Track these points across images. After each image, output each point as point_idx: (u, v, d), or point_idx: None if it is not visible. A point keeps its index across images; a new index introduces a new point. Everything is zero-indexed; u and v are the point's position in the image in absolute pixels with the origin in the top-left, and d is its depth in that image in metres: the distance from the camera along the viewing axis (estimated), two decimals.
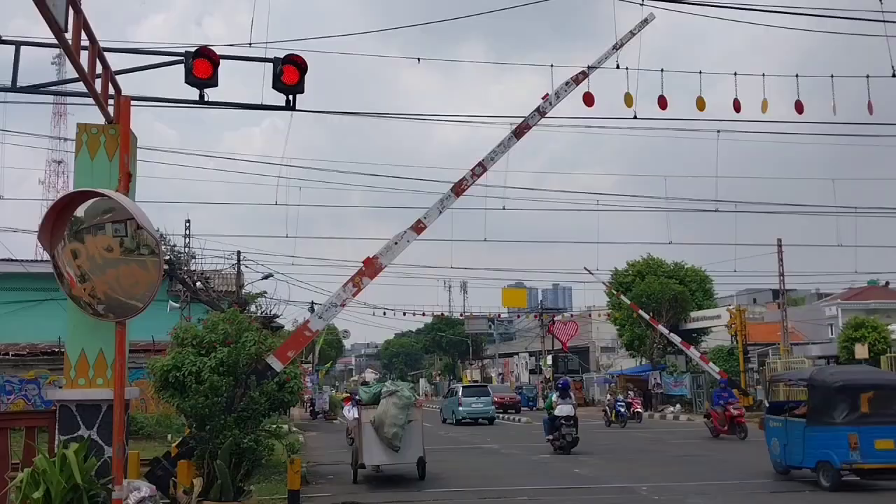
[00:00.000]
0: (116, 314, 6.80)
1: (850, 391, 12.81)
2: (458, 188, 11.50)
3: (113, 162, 7.22)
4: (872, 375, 14.80)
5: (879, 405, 12.68)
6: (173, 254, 24.25)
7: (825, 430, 12.72)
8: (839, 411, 12.72)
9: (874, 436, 12.19)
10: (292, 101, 8.66)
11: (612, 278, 48.83)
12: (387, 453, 13.80)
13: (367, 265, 10.54)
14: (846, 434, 12.32)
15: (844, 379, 13.25)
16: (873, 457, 12.15)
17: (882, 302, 53.62)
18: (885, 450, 12.14)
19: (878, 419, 12.49)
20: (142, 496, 6.94)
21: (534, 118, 11.80)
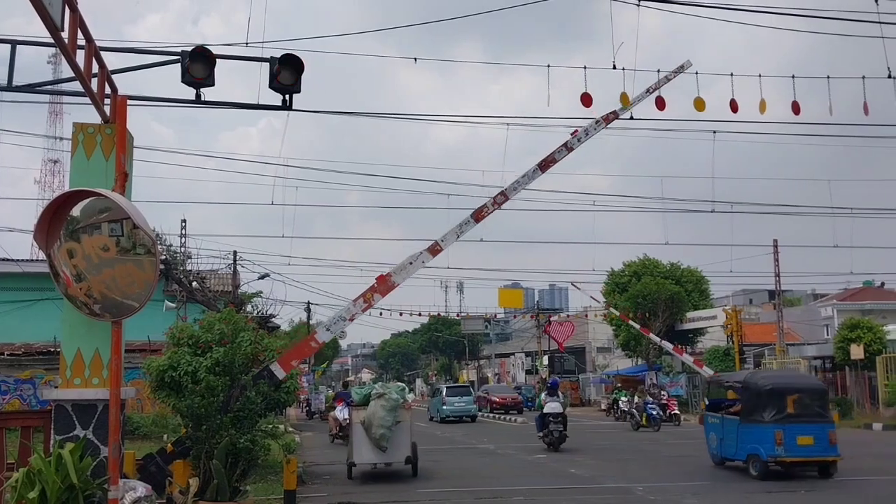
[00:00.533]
0: (112, 314, 6.79)
1: (777, 393, 14.32)
2: (478, 214, 11.58)
3: (109, 161, 7.21)
4: (798, 380, 16.50)
5: (802, 406, 14.20)
6: (169, 254, 24.23)
7: (755, 427, 14.25)
8: (768, 411, 14.22)
9: (797, 433, 13.85)
10: (289, 101, 8.65)
11: (608, 278, 48.90)
12: (375, 453, 14.44)
13: (380, 282, 10.53)
14: (773, 431, 13.89)
15: (773, 382, 14.82)
16: (795, 451, 13.85)
17: (877, 303, 53.73)
18: (805, 445, 13.88)
19: (801, 418, 14.07)
20: (137, 496, 6.92)
21: (560, 153, 11.77)
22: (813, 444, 13.93)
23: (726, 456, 15.36)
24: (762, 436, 14.09)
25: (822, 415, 14.53)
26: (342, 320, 10.21)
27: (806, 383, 15.73)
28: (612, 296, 48.15)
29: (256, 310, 26.60)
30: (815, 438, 13.97)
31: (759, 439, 14.15)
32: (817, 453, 14.01)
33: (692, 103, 12.33)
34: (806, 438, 13.90)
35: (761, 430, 14.13)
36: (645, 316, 44.26)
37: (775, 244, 38.36)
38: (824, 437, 14.07)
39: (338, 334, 12.32)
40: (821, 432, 14.08)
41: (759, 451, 14.10)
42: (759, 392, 14.55)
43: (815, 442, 13.96)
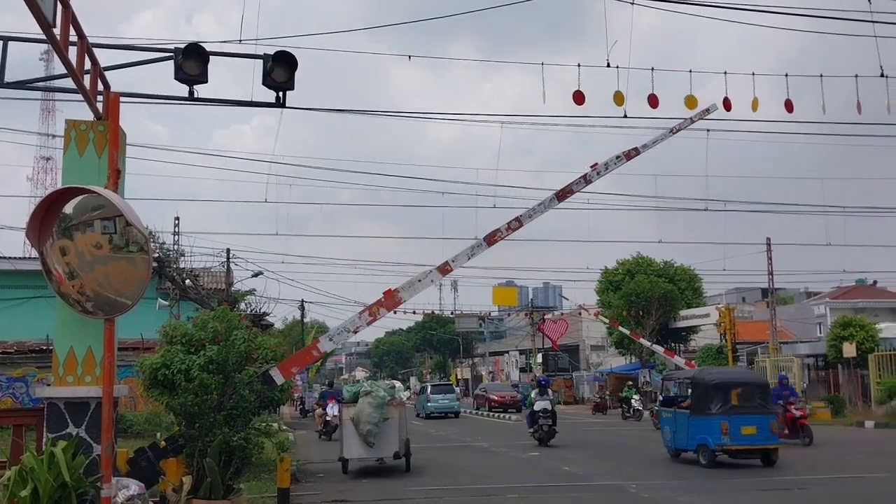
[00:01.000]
0: (105, 311, 6.77)
1: (723, 388, 15.67)
2: (491, 238, 11.66)
3: (102, 158, 7.18)
4: (741, 375, 18.12)
5: (746, 399, 15.54)
6: (162, 251, 24.16)
7: (704, 419, 15.50)
8: (714, 404, 15.53)
9: (741, 424, 15.14)
10: (282, 98, 8.62)
11: (602, 276, 48.96)
12: (364, 448, 15.01)
13: (387, 297, 10.54)
14: (719, 422, 15.20)
15: (719, 378, 16.28)
16: (740, 440, 15.15)
17: (870, 301, 53.98)
18: (748, 435, 15.17)
19: (744, 410, 15.39)
20: (130, 494, 6.91)
21: (579, 184, 11.81)
22: (756, 433, 15.20)
23: (679, 447, 16.52)
24: (710, 427, 15.29)
25: (764, 407, 15.78)
26: (346, 332, 10.20)
27: (749, 378, 17.27)
28: (605, 294, 48.23)
29: (250, 308, 26.55)
30: (757, 428, 15.24)
31: (708, 430, 15.35)
32: (760, 442, 15.29)
33: (683, 101, 12.35)
34: (749, 428, 15.17)
35: (709, 422, 15.34)
36: (638, 314, 44.34)
37: (768, 242, 38.47)
38: (766, 427, 15.37)
39: (339, 345, 12.38)
40: (763, 423, 15.37)
41: (708, 440, 15.35)
42: (706, 387, 15.83)
43: (758, 431, 15.22)
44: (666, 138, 12.55)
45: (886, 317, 47.89)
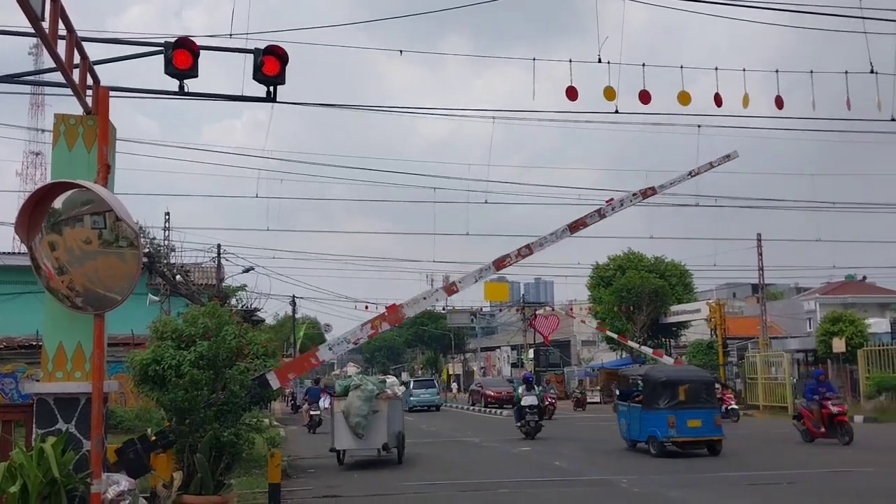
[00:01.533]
0: (95, 307, 6.74)
1: (671, 385, 16.92)
2: (500, 263, 11.80)
3: (91, 153, 7.13)
4: (688, 373, 19.14)
5: (692, 395, 16.76)
6: (153, 247, 24.07)
7: (653, 413, 16.72)
8: (663, 399, 16.73)
9: (687, 417, 16.36)
10: (273, 93, 8.59)
11: (593, 272, 49.07)
12: (354, 439, 15.67)
13: (390, 311, 10.57)
14: (667, 416, 16.37)
15: (667, 375, 17.76)
16: (686, 433, 16.39)
17: (859, 296, 54.30)
18: (694, 427, 16.41)
19: (691, 405, 16.61)
20: (121, 490, 6.88)
21: (592, 218, 11.89)
22: (701, 426, 16.49)
23: (633, 438, 17.74)
24: (659, 420, 16.53)
25: (709, 402, 17.20)
26: (346, 342, 10.24)
27: (695, 376, 18.47)
28: (597, 290, 48.32)
29: (241, 304, 26.49)
30: (702, 422, 16.50)
31: (657, 423, 16.59)
32: (704, 434, 16.57)
33: (676, 97, 12.37)
34: (695, 422, 16.45)
35: (658, 416, 16.56)
36: (629, 309, 44.46)
37: (759, 238, 38.61)
38: (710, 421, 16.65)
39: (338, 355, 12.48)
40: (707, 416, 16.65)
41: (657, 433, 16.56)
42: (655, 384, 17.14)
43: (703, 424, 16.50)
44: (684, 180, 12.75)
45: (875, 312, 48.20)
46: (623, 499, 11.44)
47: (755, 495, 11.54)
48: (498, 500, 11.32)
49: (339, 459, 16.16)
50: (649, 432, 16.91)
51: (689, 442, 16.65)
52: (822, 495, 11.44)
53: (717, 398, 18.52)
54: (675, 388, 16.76)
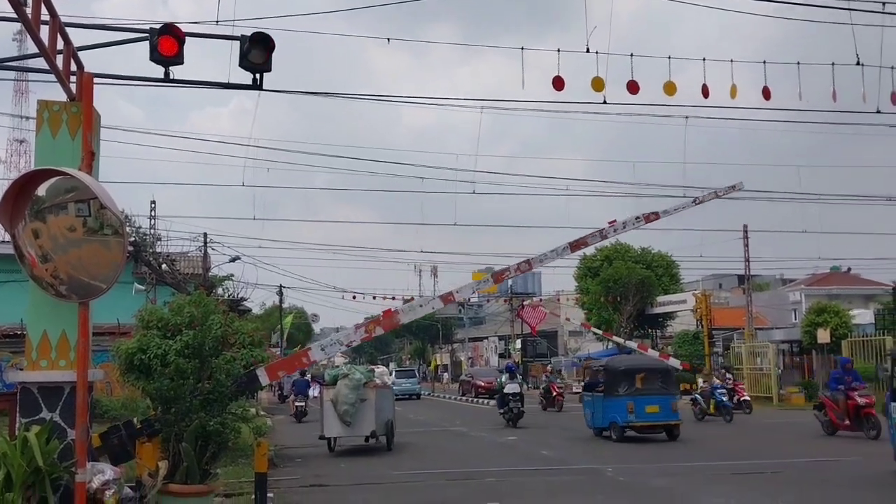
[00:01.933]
0: (79, 295, 6.68)
1: (629, 373, 18.06)
2: (498, 276, 11.93)
3: (75, 140, 7.05)
4: (646, 362, 20.01)
5: (649, 382, 17.86)
6: (138, 235, 23.88)
7: (614, 400, 17.80)
8: (622, 387, 17.83)
9: (645, 403, 17.43)
10: (259, 80, 8.53)
11: (580, 263, 49.18)
12: (342, 427, 16.09)
13: (386, 316, 10.64)
14: (626, 403, 17.47)
15: (626, 364, 19.02)
16: (644, 418, 17.44)
17: (844, 287, 54.71)
18: (651, 413, 17.44)
19: (648, 392, 17.69)
20: (106, 479, 6.84)
21: (594, 238, 11.93)
22: (658, 411, 17.50)
23: (597, 425, 18.61)
24: (619, 407, 17.62)
25: (666, 389, 18.17)
26: (339, 344, 10.27)
27: (652, 364, 19.52)
28: (584, 280, 48.47)
29: (227, 293, 26.36)
30: (660, 407, 17.52)
31: (617, 409, 17.66)
32: (662, 419, 17.60)
33: (663, 88, 12.36)
34: (652, 407, 17.49)
35: (618, 403, 17.65)
36: (616, 300, 44.61)
37: (745, 229, 38.77)
38: (667, 406, 17.67)
39: (330, 356, 12.56)
40: (665, 402, 17.67)
41: (617, 418, 17.65)
42: (615, 373, 18.33)
43: (660, 410, 17.51)
44: (688, 207, 12.90)
45: (859, 303, 48.59)
46: (608, 487, 11.51)
47: (736, 483, 11.63)
48: (485, 488, 11.36)
49: (330, 447, 16.52)
50: (610, 418, 17.90)
51: (647, 426, 17.68)
52: (802, 484, 11.54)
53: (675, 385, 19.50)
54: (633, 376, 17.87)
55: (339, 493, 11.35)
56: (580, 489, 11.41)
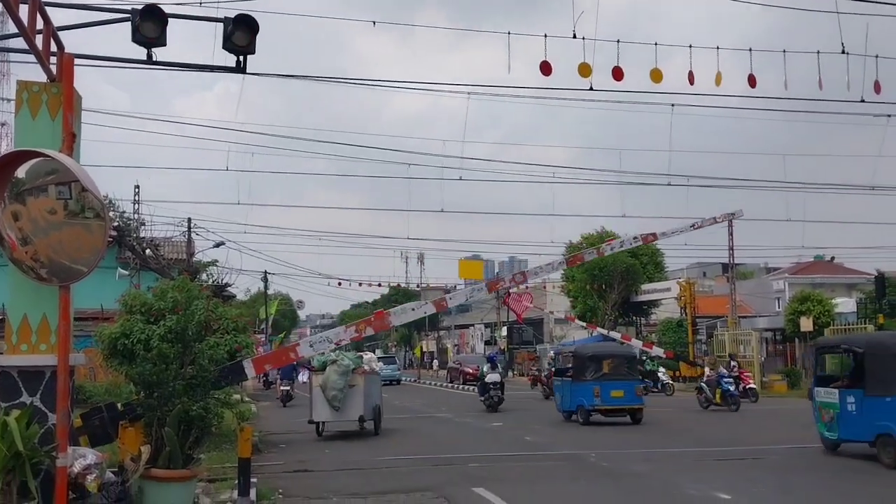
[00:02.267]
0: (60, 278, 6.61)
1: (596, 359, 19.12)
2: (492, 286, 12.18)
3: (56, 121, 6.96)
4: (612, 349, 21.19)
5: (615, 368, 18.90)
6: (122, 220, 23.72)
7: (582, 385, 18.79)
8: (589, 372, 18.80)
9: (611, 388, 18.49)
10: (243, 63, 8.43)
11: (566, 251, 49.31)
12: (331, 412, 16.34)
13: (377, 317, 10.79)
14: (593, 387, 18.48)
15: (593, 350, 20.22)
16: (609, 402, 18.51)
17: (827, 276, 55.12)
18: (617, 397, 18.52)
19: (614, 377, 18.70)
20: (87, 463, 6.80)
21: (590, 254, 11.95)
22: (623, 396, 18.58)
23: (567, 409, 19.56)
24: (586, 391, 18.62)
25: (631, 374, 19.25)
26: (328, 341, 10.31)
27: (618, 351, 20.62)
28: (569, 268, 48.56)
29: (211, 279, 26.23)
30: (624, 392, 18.56)
31: (584, 394, 18.66)
32: (626, 402, 18.63)
33: (649, 75, 12.35)
34: (618, 392, 18.52)
35: (585, 387, 18.65)
36: (601, 288, 44.77)
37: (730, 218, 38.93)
38: (632, 391, 18.72)
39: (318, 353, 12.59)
40: (629, 387, 18.71)
41: (584, 402, 18.65)
42: (583, 358, 19.31)
43: (625, 394, 18.59)
44: (686, 231, 13.07)
45: (842, 292, 48.99)
46: (591, 472, 11.57)
47: (718, 469, 11.72)
48: (469, 473, 11.39)
49: (318, 432, 16.75)
50: (578, 402, 18.88)
51: (612, 410, 18.67)
52: (783, 470, 11.64)
53: (639, 371, 20.52)
54: (600, 362, 18.89)
55: (323, 479, 11.35)
56: (563, 474, 11.47)
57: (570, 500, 9.51)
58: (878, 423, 11.67)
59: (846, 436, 12.61)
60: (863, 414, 12.08)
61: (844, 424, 12.49)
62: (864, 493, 9.96)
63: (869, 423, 11.86)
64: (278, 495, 9.81)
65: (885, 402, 11.65)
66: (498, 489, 9.82)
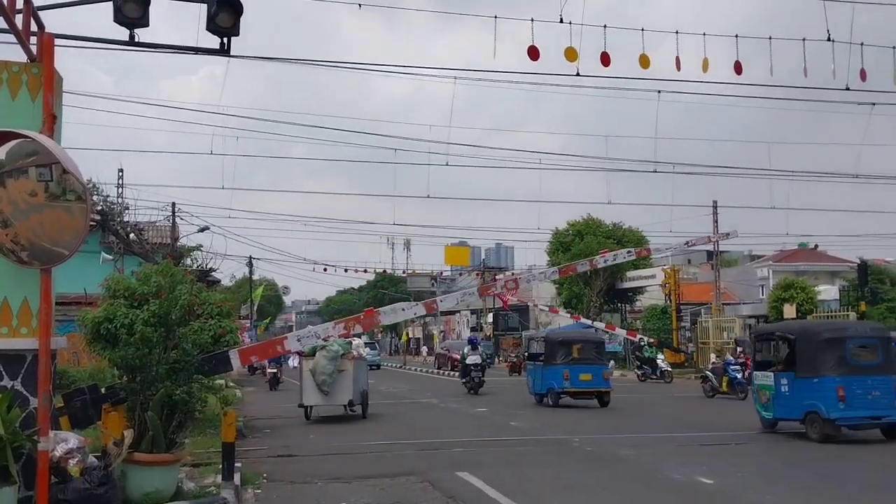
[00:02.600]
0: (41, 261, 6.54)
1: (566, 343, 19.98)
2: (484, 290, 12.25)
3: (36, 103, 6.86)
4: (581, 334, 22.72)
5: (584, 352, 19.80)
6: (106, 204, 23.55)
7: (552, 368, 19.61)
8: (559, 356, 19.66)
9: (579, 371, 19.31)
10: (227, 45, 8.34)
11: (552, 237, 49.41)
12: (320, 396, 16.66)
13: (367, 315, 10.82)
14: (562, 370, 19.32)
15: (563, 336, 21.50)
16: (578, 384, 19.39)
17: (811, 264, 55.49)
18: (585, 380, 19.36)
19: (582, 361, 19.56)
20: (69, 447, 6.76)
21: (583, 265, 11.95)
22: (591, 379, 19.40)
23: (538, 392, 20.37)
24: (555, 374, 19.48)
25: (599, 359, 20.10)
26: (315, 336, 10.36)
27: (587, 336, 21.87)
28: (556, 255, 48.68)
29: (196, 263, 26.10)
30: (592, 375, 19.35)
31: (554, 377, 19.53)
32: (594, 385, 19.49)
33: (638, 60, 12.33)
34: (586, 375, 19.33)
35: (555, 371, 19.47)
36: (587, 275, 44.87)
37: (715, 205, 39.11)
38: (599, 375, 19.54)
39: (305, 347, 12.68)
40: (597, 371, 19.54)
41: (554, 385, 19.54)
42: (553, 343, 20.22)
43: (593, 378, 19.42)
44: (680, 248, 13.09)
45: (825, 280, 49.37)
46: (576, 456, 11.64)
47: (702, 454, 11.81)
48: (453, 458, 11.42)
49: (307, 415, 17.08)
50: (548, 385, 19.70)
51: (580, 392, 19.56)
52: (764, 454, 11.76)
53: (606, 356, 21.58)
54: (569, 347, 19.72)
55: (307, 463, 11.35)
56: (548, 458, 11.53)
57: (553, 483, 9.56)
58: (806, 403, 13.03)
59: (781, 415, 13.76)
60: (794, 394, 13.34)
61: (779, 404, 13.70)
62: (852, 478, 10.06)
63: (799, 402, 13.18)
64: (262, 480, 9.81)
65: (812, 383, 12.97)
66: (482, 473, 9.86)
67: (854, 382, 12.74)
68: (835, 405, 12.60)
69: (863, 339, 13.59)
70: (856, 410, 12.66)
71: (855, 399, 12.66)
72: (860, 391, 12.72)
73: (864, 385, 12.76)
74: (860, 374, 12.88)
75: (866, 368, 13.01)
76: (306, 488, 9.44)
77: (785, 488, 9.17)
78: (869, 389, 12.77)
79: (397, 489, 9.16)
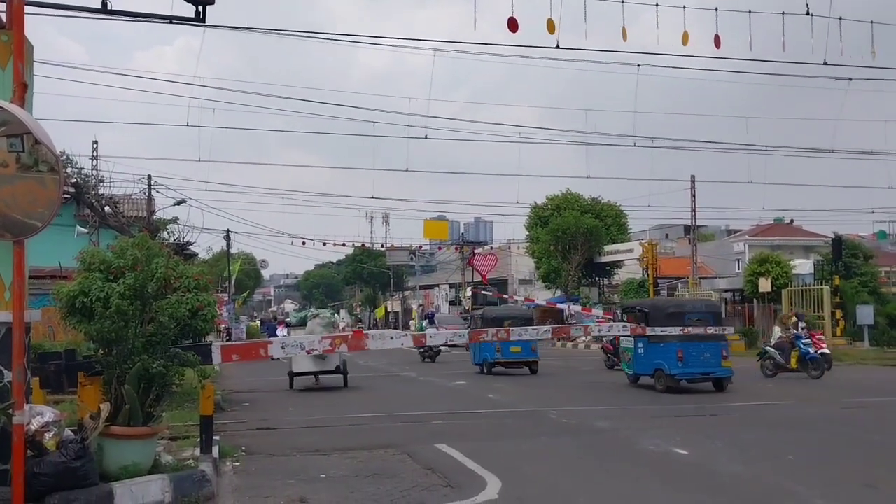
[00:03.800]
0: (13, 233, 6.44)
1: (498, 320, 21.87)
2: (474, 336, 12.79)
3: (6, 71, 6.71)
4: (513, 311, 26.38)
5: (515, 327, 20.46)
6: (80, 177, 23.23)
7: (486, 343, 20.44)
8: None
9: (510, 345, 20.91)
10: (202, 13, 8.20)
11: (531, 212, 49.51)
12: (313, 362, 17.47)
13: (356, 336, 11.24)
14: (495, 344, 20.74)
15: (496, 313, 24.65)
16: (509, 356, 21.76)
17: (786, 238, 56.12)
18: (515, 352, 21.62)
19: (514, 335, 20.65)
20: (45, 421, 6.72)
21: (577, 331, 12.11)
22: (521, 351, 21.58)
23: (476, 363, 22.65)
24: (490, 347, 21.36)
25: None
26: (299, 347, 10.45)
27: (518, 313, 24.85)
28: (534, 229, 48.87)
29: (172, 237, 25.88)
30: (521, 348, 21.43)
31: (488, 350, 21.60)
32: (523, 357, 21.78)
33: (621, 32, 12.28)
34: (516, 348, 21.39)
35: (489, 344, 20.83)
36: (565, 249, 45.09)
37: (692, 180, 39.37)
38: (528, 347, 21.55)
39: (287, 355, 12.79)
40: (526, 345, 21.29)
41: (488, 356, 21.86)
42: (488, 319, 22.46)
43: (522, 350, 21.53)
44: None
45: (800, 254, 49.96)
46: (553, 428, 11.75)
47: (677, 425, 11.97)
48: (432, 430, 11.49)
49: (291, 384, 18.09)
50: (483, 357, 22.03)
51: (511, 363, 21.92)
52: (737, 425, 11.94)
53: None
54: (501, 323, 21.10)
55: (286, 436, 11.38)
56: (525, 430, 11.63)
57: (529, 453, 9.66)
58: (655, 362, 16.50)
59: (639, 370, 17.22)
60: (647, 355, 16.70)
61: (637, 363, 17.19)
62: (825, 450, 10.24)
63: (650, 361, 16.64)
64: (241, 453, 9.82)
65: (659, 347, 16.32)
66: (459, 445, 9.92)
67: (690, 347, 16.06)
68: (675, 364, 16.07)
69: (698, 314, 16.99)
70: (691, 368, 16.16)
71: (691, 359, 16.06)
72: (695, 353, 16.06)
73: (698, 349, 16.14)
74: (695, 341, 16.09)
75: (700, 336, 16.19)
76: (285, 461, 9.46)
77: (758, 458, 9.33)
78: (702, 352, 16.16)
79: (376, 461, 9.20)
